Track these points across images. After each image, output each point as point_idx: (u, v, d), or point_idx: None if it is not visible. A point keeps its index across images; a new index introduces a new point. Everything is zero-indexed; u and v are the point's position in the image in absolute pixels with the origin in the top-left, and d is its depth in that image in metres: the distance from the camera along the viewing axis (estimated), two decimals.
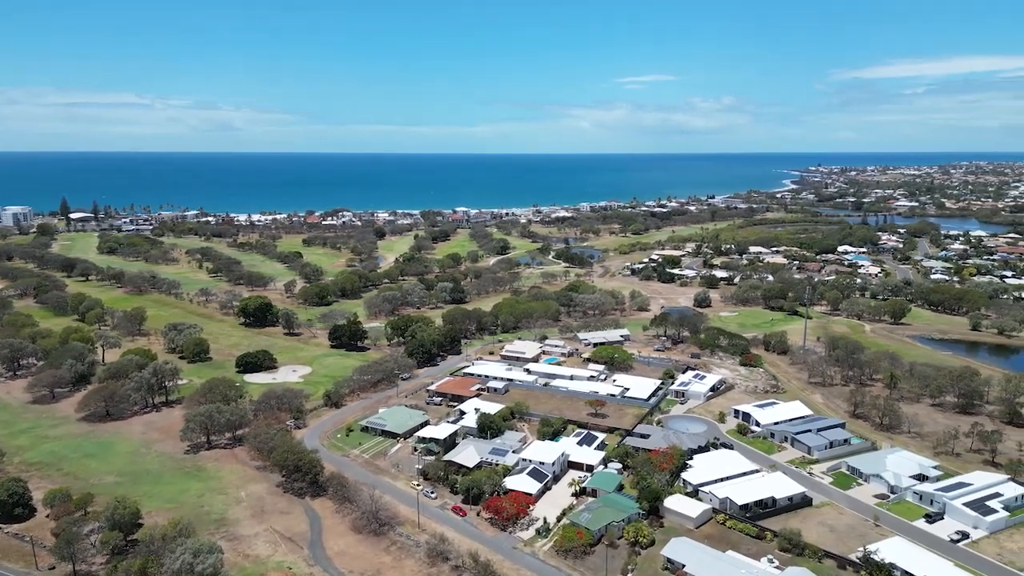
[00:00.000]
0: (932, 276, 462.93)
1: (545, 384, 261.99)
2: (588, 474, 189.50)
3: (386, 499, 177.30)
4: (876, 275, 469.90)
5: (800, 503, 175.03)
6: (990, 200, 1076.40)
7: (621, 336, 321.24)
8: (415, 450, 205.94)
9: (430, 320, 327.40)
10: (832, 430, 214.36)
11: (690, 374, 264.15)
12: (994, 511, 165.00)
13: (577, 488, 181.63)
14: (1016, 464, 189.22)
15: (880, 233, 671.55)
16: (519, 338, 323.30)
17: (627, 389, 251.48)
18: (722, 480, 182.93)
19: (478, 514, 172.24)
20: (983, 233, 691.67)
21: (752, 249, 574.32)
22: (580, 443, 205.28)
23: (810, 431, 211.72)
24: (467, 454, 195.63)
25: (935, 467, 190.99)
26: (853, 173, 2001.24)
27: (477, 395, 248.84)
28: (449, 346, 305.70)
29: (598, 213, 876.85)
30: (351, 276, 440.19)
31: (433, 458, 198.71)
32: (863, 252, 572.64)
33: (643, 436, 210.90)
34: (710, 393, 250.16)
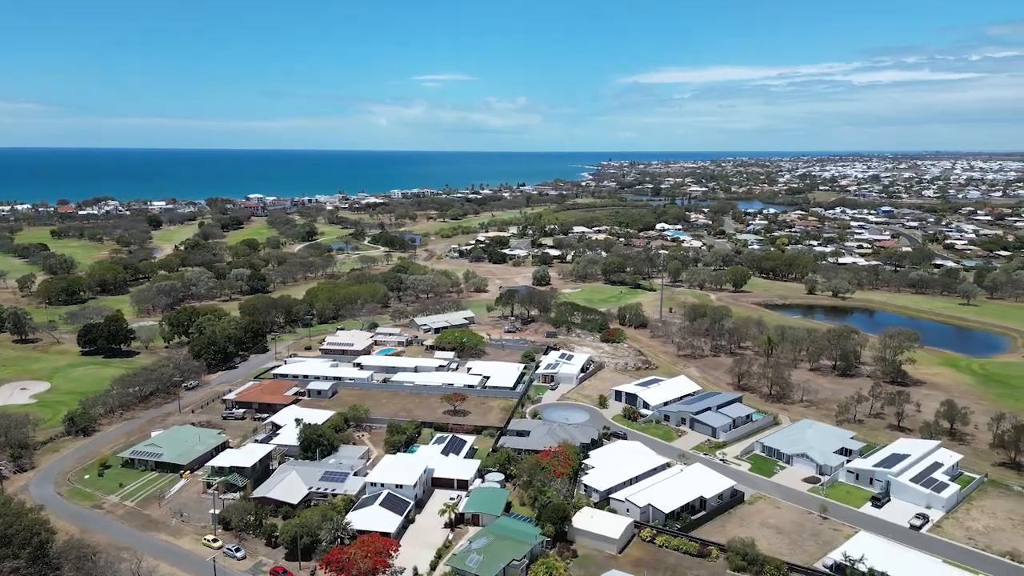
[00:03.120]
0: (750, 247, 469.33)
1: (384, 380, 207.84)
2: (462, 493, 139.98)
3: (162, 571, 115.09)
4: (700, 248, 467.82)
5: (732, 501, 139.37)
6: (766, 185, 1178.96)
7: (465, 319, 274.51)
8: (208, 487, 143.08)
9: (223, 312, 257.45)
10: (732, 406, 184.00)
11: (555, 355, 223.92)
12: (945, 485, 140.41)
13: (451, 515, 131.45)
14: (931, 426, 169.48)
15: (688, 212, 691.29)
16: (342, 328, 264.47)
17: (487, 378, 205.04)
18: (633, 481, 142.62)
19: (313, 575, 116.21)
20: (775, 210, 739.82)
21: (576, 229, 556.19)
22: (445, 452, 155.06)
23: (709, 409, 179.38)
24: (288, 485, 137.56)
25: (853, 438, 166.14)
26: (642, 166, 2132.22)
27: (295, 401, 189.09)
28: (251, 343, 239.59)
29: (412, 199, 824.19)
30: (114, 267, 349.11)
31: (237, 496, 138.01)
32: (679, 228, 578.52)
33: (522, 434, 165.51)
34: (581, 375, 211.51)
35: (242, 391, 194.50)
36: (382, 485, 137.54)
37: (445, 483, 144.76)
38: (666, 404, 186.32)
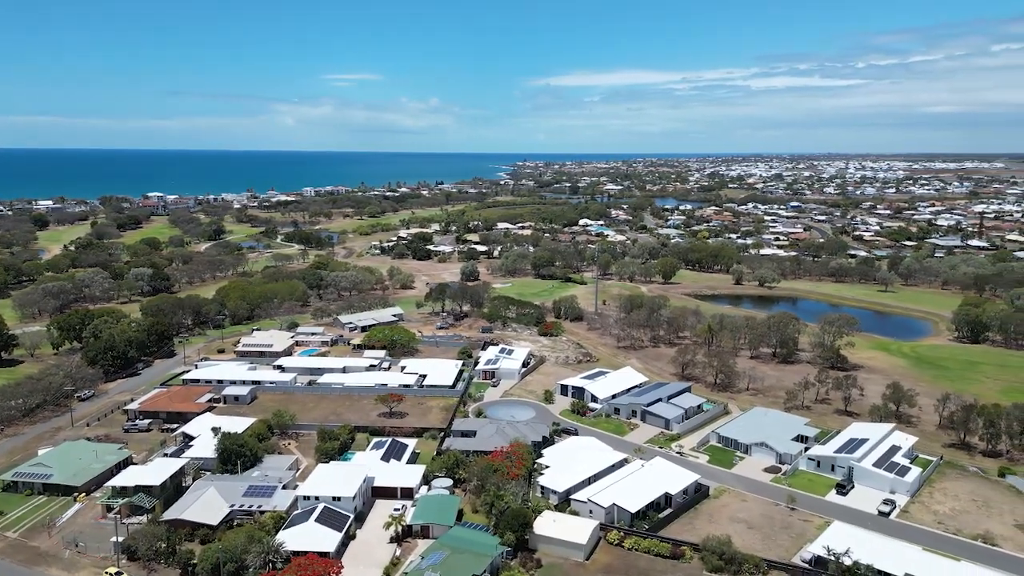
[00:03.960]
0: (673, 241, 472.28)
1: (310, 382, 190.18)
2: (407, 503, 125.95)
3: None
4: (625, 242, 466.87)
5: (697, 496, 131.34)
6: (678, 184, 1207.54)
7: (394, 316, 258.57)
8: (109, 510, 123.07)
9: (122, 314, 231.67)
10: (681, 396, 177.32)
11: (494, 350, 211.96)
12: (908, 469, 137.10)
13: (397, 528, 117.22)
14: (880, 409, 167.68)
15: (609, 209, 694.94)
16: (259, 328, 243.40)
17: (424, 376, 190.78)
18: (592, 480, 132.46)
19: None
20: (690, 206, 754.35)
21: (500, 225, 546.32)
22: (385, 457, 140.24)
23: (660, 400, 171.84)
24: (206, 504, 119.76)
25: (807, 424, 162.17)
26: (557, 166, 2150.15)
27: (208, 409, 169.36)
28: (156, 346, 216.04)
29: (326, 197, 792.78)
30: None
31: (145, 519, 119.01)
32: (602, 224, 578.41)
33: (468, 434, 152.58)
34: (523, 370, 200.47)
35: (147, 399, 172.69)
36: (316, 498, 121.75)
37: (388, 492, 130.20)
38: (615, 397, 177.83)
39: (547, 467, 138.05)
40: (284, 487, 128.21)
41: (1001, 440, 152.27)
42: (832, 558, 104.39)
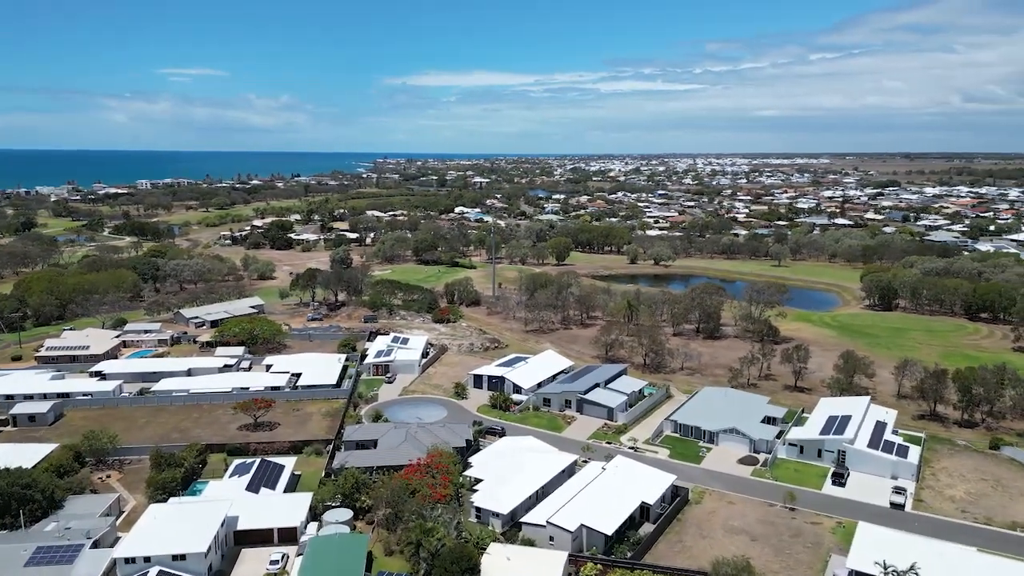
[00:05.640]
0: (559, 224, 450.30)
1: (142, 392, 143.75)
2: (289, 551, 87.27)
3: None
4: (507, 226, 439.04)
5: (676, 503, 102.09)
6: (545, 177, 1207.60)
7: (252, 308, 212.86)
8: None
9: None
10: (619, 380, 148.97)
11: (385, 340, 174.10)
12: (906, 448, 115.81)
13: None
14: (839, 382, 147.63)
15: (484, 198, 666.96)
16: (72, 328, 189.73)
17: (298, 375, 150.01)
18: (543, 494, 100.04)
19: None
20: (561, 196, 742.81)
21: (370, 213, 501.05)
22: (253, 486, 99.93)
23: (598, 386, 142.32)
24: None
25: (770, 403, 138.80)
26: (419, 163, 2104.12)
27: None
28: None
29: (164, 190, 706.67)
30: None
31: None
32: (479, 211, 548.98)
33: (366, 445, 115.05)
34: (424, 361, 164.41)
35: None
36: (147, 559, 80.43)
37: (259, 536, 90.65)
38: (541, 385, 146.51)
39: (479, 480, 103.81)
40: (95, 544, 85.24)
41: (977, 408, 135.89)
42: (888, 574, 77.81)
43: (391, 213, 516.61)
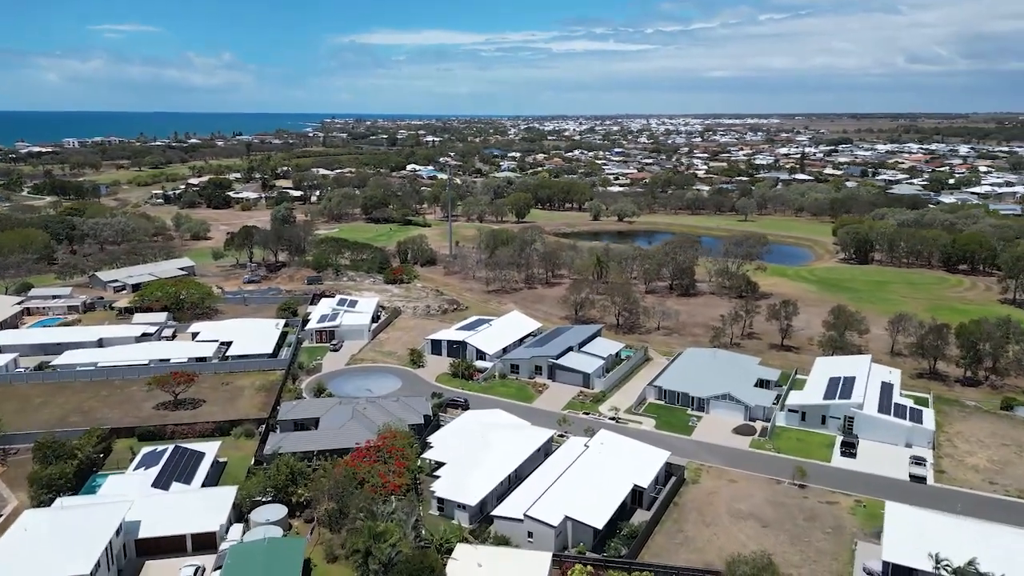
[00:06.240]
0: (515, 183, 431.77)
1: (40, 366, 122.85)
2: (204, 563, 70.15)
3: None
4: (462, 183, 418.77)
5: (672, 484, 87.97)
6: (499, 136, 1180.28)
7: (181, 269, 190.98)
8: None
9: None
10: (594, 342, 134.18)
11: (330, 303, 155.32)
12: (919, 411, 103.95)
13: None
14: (831, 340, 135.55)
15: (438, 156, 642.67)
16: None
17: (228, 344, 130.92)
18: (516, 479, 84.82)
19: None
20: (517, 154, 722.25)
21: (320, 171, 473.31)
22: (162, 481, 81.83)
23: (571, 350, 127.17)
24: None
25: (761, 365, 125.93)
26: (368, 123, 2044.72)
27: None
28: None
29: (93, 147, 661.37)
30: None
31: None
32: (432, 168, 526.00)
33: (305, 425, 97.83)
34: (374, 326, 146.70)
35: None
36: None
37: (167, 545, 73.15)
38: (507, 351, 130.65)
39: (440, 464, 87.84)
40: None
41: (980, 365, 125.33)
42: (942, 570, 64.82)
43: (339, 171, 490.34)
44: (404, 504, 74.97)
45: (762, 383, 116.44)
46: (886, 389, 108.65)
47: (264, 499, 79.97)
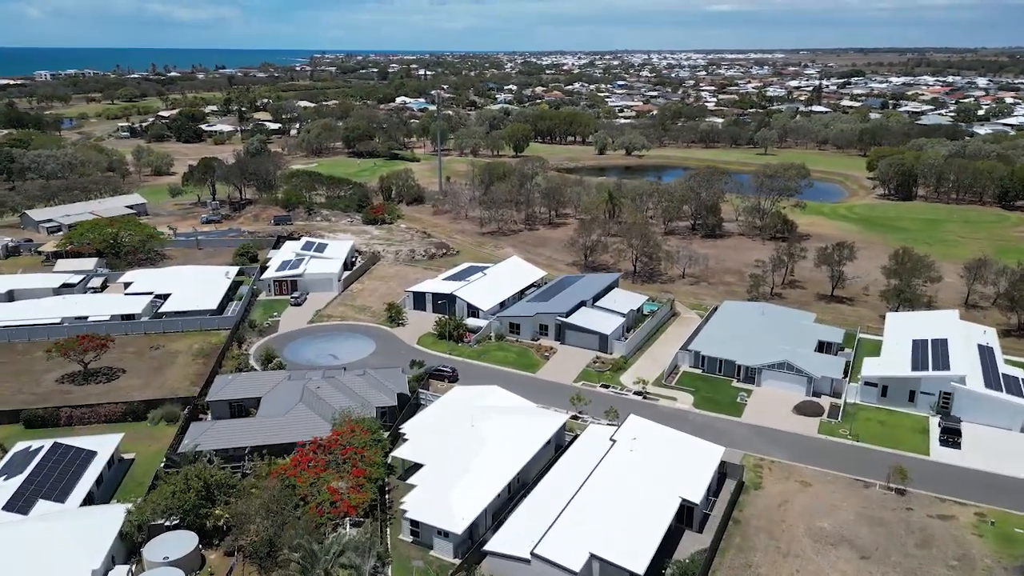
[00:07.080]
0: (512, 114, 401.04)
1: None
2: None
3: None
4: (456, 115, 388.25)
5: (729, 491, 65.59)
6: (495, 70, 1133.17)
7: (129, 207, 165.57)
8: None
9: None
10: (611, 295, 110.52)
11: (294, 247, 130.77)
12: None
13: None
14: (897, 291, 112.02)
15: (429, 88, 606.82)
16: None
17: (164, 298, 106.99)
18: (516, 486, 62.22)
19: None
20: (515, 87, 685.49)
21: (302, 104, 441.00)
22: (16, 503, 58.56)
23: (584, 305, 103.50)
24: None
25: (817, 323, 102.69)
26: (359, 58, 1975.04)
27: None
28: None
29: (64, 80, 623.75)
30: None
31: None
32: (423, 100, 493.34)
33: (243, 408, 74.89)
34: (346, 275, 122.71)
35: None
36: None
37: None
38: (505, 306, 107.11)
39: (417, 467, 65.13)
40: None
41: None
42: None
43: (323, 103, 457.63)
44: (360, 535, 52.58)
45: (822, 346, 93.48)
46: (986, 355, 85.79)
47: (168, 521, 57.50)
